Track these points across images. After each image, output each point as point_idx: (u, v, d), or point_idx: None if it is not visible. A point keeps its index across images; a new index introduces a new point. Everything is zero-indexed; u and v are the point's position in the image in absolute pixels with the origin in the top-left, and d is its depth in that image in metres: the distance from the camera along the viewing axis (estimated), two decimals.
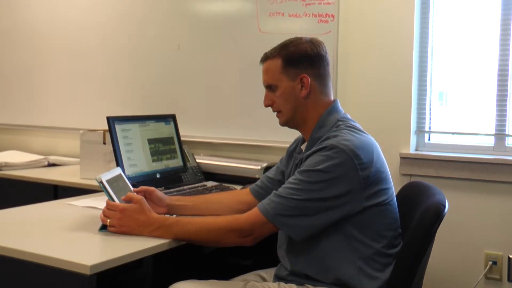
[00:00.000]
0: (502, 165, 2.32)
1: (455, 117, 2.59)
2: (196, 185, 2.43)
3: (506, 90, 2.40)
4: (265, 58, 1.70)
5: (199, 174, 2.64)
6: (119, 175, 1.75)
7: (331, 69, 1.72)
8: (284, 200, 1.52)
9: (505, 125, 2.41)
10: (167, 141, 2.40)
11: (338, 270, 1.55)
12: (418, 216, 1.54)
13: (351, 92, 2.60)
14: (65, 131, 3.43)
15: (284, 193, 1.54)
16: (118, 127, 2.15)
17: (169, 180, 2.36)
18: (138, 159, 2.21)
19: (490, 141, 2.45)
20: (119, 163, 2.09)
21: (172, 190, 2.24)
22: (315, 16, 2.60)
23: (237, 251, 1.91)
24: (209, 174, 2.66)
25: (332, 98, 1.72)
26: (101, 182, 1.60)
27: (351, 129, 1.60)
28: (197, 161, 2.71)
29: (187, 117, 2.87)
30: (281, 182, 1.73)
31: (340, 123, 1.64)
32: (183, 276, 1.61)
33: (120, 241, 1.55)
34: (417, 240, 1.49)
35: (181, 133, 2.50)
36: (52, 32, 3.46)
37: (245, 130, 2.83)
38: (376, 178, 1.54)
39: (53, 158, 3.19)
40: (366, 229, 1.55)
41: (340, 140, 1.53)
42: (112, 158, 2.17)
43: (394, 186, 1.64)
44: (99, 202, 1.99)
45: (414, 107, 2.54)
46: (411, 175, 2.48)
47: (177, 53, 3.01)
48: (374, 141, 1.63)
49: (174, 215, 1.82)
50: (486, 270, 2.36)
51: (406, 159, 2.49)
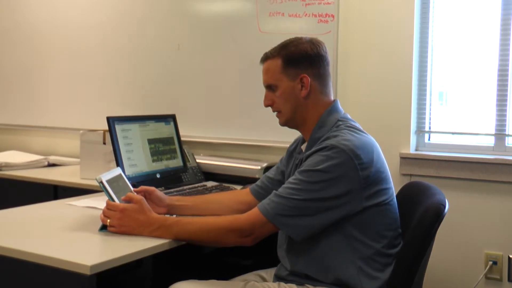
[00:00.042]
0: (502, 165, 2.32)
1: (455, 117, 2.59)
2: (196, 185, 2.43)
3: (506, 90, 2.40)
4: (265, 58, 1.70)
5: (199, 174, 2.64)
6: (119, 175, 1.75)
7: (331, 69, 1.72)
8: (284, 200, 1.52)
9: (505, 125, 2.41)
10: (167, 141, 2.40)
11: (338, 270, 1.55)
12: (418, 216, 1.54)
13: (351, 92, 2.60)
14: (65, 131, 3.43)
15: (284, 193, 1.54)
16: (118, 127, 2.15)
17: (169, 180, 2.36)
18: (138, 159, 2.21)
19: (490, 141, 2.45)
20: (119, 163, 2.09)
21: (172, 190, 2.24)
22: (315, 16, 2.60)
23: (237, 251, 1.91)
24: (209, 174, 2.66)
25: (332, 98, 1.72)
26: (101, 182, 1.60)
27: (351, 129, 1.60)
28: (197, 161, 2.71)
29: (187, 117, 2.87)
30: (281, 182, 1.73)
31: (340, 123, 1.64)
32: (183, 276, 1.61)
33: (120, 241, 1.55)
34: (417, 240, 1.49)
35: (181, 133, 2.50)
36: (52, 32, 3.46)
37: (245, 130, 2.83)
38: (376, 178, 1.54)
39: (53, 158, 3.19)
40: (366, 229, 1.55)
41: (340, 140, 1.53)
42: (112, 158, 2.17)
43: (394, 186, 1.64)
44: (99, 202, 1.99)
45: (414, 107, 2.54)
46: (411, 175, 2.48)
47: (177, 53, 3.01)
48: (374, 141, 1.63)
49: (174, 215, 1.82)
50: (486, 270, 2.36)
51: (406, 159, 2.49)
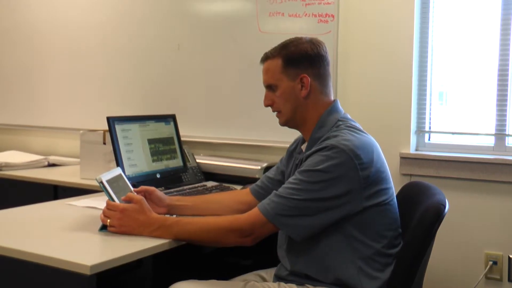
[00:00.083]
0: (502, 165, 2.32)
1: (455, 117, 2.59)
2: (196, 185, 2.43)
3: (506, 90, 2.40)
4: (265, 58, 1.70)
5: (199, 174, 2.64)
6: (119, 175, 1.75)
7: (331, 69, 1.72)
8: (284, 200, 1.52)
9: (505, 125, 2.41)
10: (167, 141, 2.40)
11: (338, 270, 1.55)
12: (418, 216, 1.54)
13: (351, 92, 2.60)
14: (65, 131, 3.43)
15: (284, 193, 1.53)
16: (118, 127, 2.15)
17: (169, 180, 2.36)
18: (138, 159, 2.21)
19: (490, 141, 2.45)
20: (119, 163, 2.09)
21: (172, 190, 2.24)
22: (315, 16, 2.60)
23: (237, 251, 1.91)
24: (209, 174, 2.66)
25: (332, 98, 1.72)
26: (101, 182, 1.60)
27: (351, 129, 1.60)
28: (197, 161, 2.71)
29: (187, 117, 2.87)
30: (281, 182, 1.73)
31: (340, 123, 1.64)
32: (183, 276, 1.61)
33: (120, 241, 1.55)
34: (417, 240, 1.49)
35: (181, 133, 2.50)
36: (52, 32, 3.46)
37: (245, 130, 2.83)
38: (376, 178, 1.54)
39: (53, 158, 3.19)
40: (366, 229, 1.55)
41: (340, 140, 1.53)
42: (112, 158, 2.17)
43: (394, 186, 1.64)
44: (99, 202, 1.99)
45: (414, 107, 2.54)
46: (411, 175, 2.48)
47: (177, 53, 3.01)
48: (374, 141, 1.62)
49: (174, 215, 1.82)
50: (486, 270, 2.36)
51: (406, 159, 2.49)
